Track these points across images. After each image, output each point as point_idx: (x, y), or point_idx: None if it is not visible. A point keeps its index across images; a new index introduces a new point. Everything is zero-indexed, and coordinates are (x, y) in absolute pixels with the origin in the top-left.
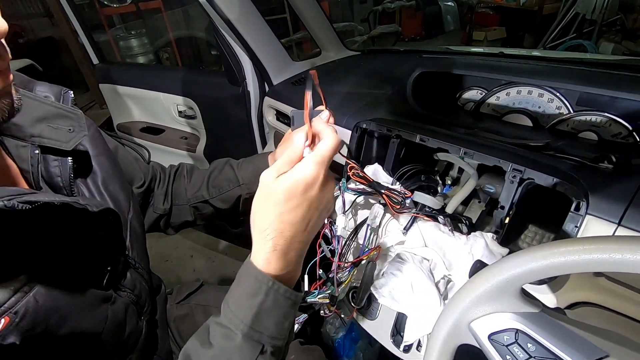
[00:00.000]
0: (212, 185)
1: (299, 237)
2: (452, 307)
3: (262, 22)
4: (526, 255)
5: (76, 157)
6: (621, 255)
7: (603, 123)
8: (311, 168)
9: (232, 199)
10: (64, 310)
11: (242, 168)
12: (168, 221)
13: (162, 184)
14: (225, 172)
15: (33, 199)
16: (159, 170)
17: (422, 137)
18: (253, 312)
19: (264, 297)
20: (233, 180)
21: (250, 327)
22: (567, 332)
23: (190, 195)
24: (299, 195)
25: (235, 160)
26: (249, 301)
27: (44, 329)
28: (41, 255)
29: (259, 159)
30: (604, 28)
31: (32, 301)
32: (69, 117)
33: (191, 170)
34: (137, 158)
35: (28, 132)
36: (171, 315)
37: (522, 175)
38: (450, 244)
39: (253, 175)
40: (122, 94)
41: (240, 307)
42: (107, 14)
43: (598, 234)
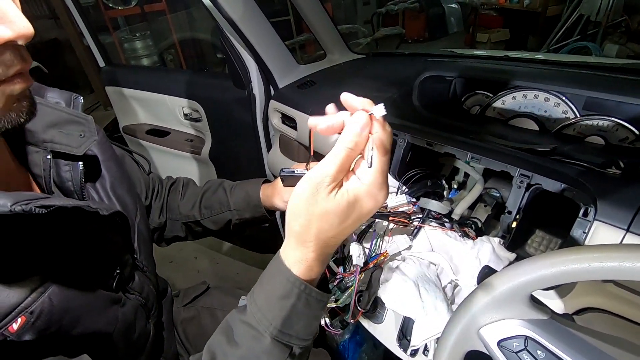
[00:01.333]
0: (204, 205)
1: (335, 246)
2: (461, 313)
3: (267, 24)
4: (536, 262)
5: (86, 162)
6: (631, 264)
7: (610, 127)
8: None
9: (223, 222)
10: (77, 311)
11: (234, 193)
12: (162, 234)
13: (159, 197)
14: (218, 194)
15: (48, 203)
16: (157, 182)
17: (429, 141)
18: (284, 314)
19: (296, 300)
20: (224, 203)
21: (280, 330)
22: (576, 339)
23: (184, 212)
24: (354, 214)
25: (230, 183)
26: (279, 303)
27: (58, 328)
28: (55, 257)
29: (251, 186)
30: (608, 30)
31: (47, 301)
32: (80, 123)
33: (186, 186)
34: (139, 171)
35: (40, 137)
36: (177, 317)
37: (530, 181)
38: (457, 249)
39: (244, 201)
40: (128, 96)
41: (271, 308)
42: (112, 16)
43: (606, 240)
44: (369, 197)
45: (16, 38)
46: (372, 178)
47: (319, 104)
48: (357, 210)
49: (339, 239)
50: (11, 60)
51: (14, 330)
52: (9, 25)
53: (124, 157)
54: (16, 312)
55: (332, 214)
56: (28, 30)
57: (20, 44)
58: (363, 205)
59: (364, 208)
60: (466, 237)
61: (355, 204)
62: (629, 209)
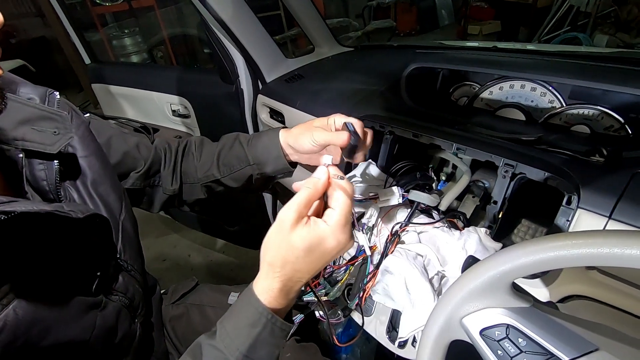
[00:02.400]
0: (222, 163)
1: (305, 280)
2: (443, 303)
3: (254, 19)
4: (516, 250)
5: (64, 160)
6: (609, 250)
7: (595, 116)
8: (339, 233)
9: (244, 178)
10: (47, 321)
11: (252, 145)
12: (181, 199)
13: (168, 164)
14: (235, 150)
15: (9, 209)
16: (164, 148)
17: (415, 133)
18: (250, 341)
19: (262, 328)
20: (243, 159)
21: (245, 356)
22: (557, 326)
23: (201, 174)
24: (317, 251)
25: (246, 135)
26: (247, 330)
27: (25, 341)
28: (21, 265)
29: (268, 136)
30: (598, 20)
31: (11, 314)
32: (54, 119)
33: (200, 145)
34: (139, 142)
35: (10, 135)
36: (167, 315)
37: (514, 170)
38: (444, 240)
39: (263, 154)
40: (115, 93)
41: (239, 335)
42: (100, 13)
43: (589, 227)
44: (332, 236)
45: None
46: (335, 219)
47: (306, 97)
48: (321, 247)
49: (303, 274)
50: None
51: None
52: None
53: (112, 139)
54: None
55: (297, 247)
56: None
57: None
58: (326, 244)
59: (327, 246)
60: (454, 228)
61: (319, 241)
62: (611, 197)
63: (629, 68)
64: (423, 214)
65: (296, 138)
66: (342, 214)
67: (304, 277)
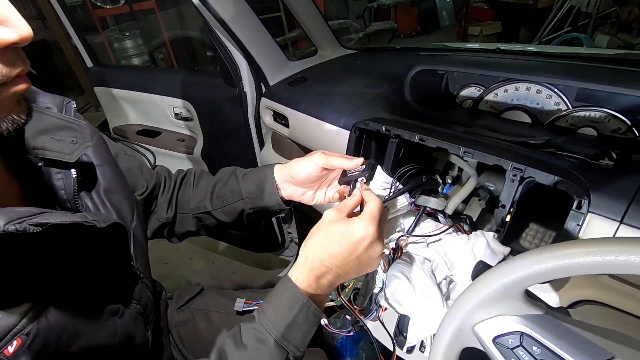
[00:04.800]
0: (216, 195)
1: (335, 271)
2: (455, 310)
3: (256, 21)
4: (530, 257)
5: (80, 169)
6: (626, 257)
7: (602, 118)
8: (367, 224)
9: (236, 212)
10: (76, 328)
11: (247, 180)
12: (172, 229)
13: (166, 191)
14: (230, 183)
15: (43, 221)
16: (164, 175)
17: (421, 136)
18: (287, 322)
19: (298, 311)
20: (237, 192)
21: (283, 335)
22: (572, 334)
23: (194, 205)
24: (345, 239)
25: (243, 170)
26: (285, 312)
27: (56, 347)
28: (51, 273)
29: (263, 172)
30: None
31: (43, 321)
32: (72, 129)
33: (199, 177)
34: (142, 164)
35: (31, 144)
36: (172, 321)
37: (523, 174)
38: (452, 244)
39: (257, 188)
40: (118, 96)
41: (278, 317)
42: (100, 16)
43: (600, 232)
44: (360, 227)
45: (19, 41)
46: (364, 213)
47: (311, 101)
48: (350, 235)
49: (334, 260)
50: (14, 61)
51: (10, 353)
52: (13, 29)
53: (118, 156)
54: (11, 335)
55: (332, 233)
56: (29, 33)
57: (21, 46)
58: (354, 233)
59: (355, 235)
60: (460, 232)
61: (348, 230)
62: (622, 201)
63: (635, 70)
64: (429, 217)
65: (293, 166)
66: (370, 210)
67: (335, 264)
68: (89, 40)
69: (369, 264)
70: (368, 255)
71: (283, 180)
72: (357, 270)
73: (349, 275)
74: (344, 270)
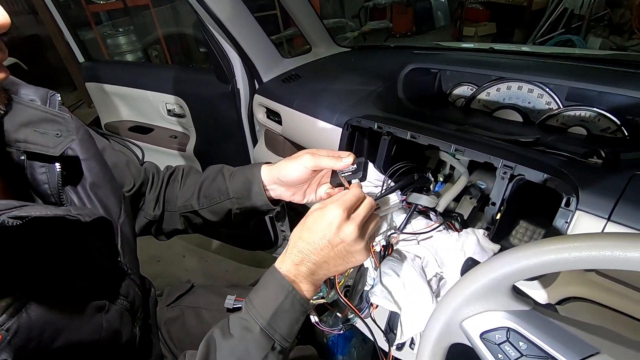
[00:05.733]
0: (203, 194)
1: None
2: (443, 306)
3: (250, 18)
4: (517, 253)
5: (65, 163)
6: (611, 252)
7: (592, 118)
8: (334, 206)
9: (223, 212)
10: (59, 324)
11: (234, 179)
12: (160, 227)
13: (154, 188)
14: (217, 182)
15: (23, 214)
16: (152, 172)
17: (412, 134)
18: (273, 310)
19: (284, 299)
20: (224, 192)
21: (268, 323)
22: (558, 330)
23: (181, 203)
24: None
25: (230, 168)
26: (271, 301)
27: (38, 343)
28: (33, 268)
29: (251, 172)
30: (591, 23)
31: (24, 317)
32: (56, 122)
33: (187, 174)
34: (129, 160)
35: (12, 137)
36: (161, 318)
37: (513, 172)
38: (442, 241)
39: (244, 188)
40: (109, 92)
41: (264, 305)
42: (94, 11)
43: (588, 229)
44: (327, 209)
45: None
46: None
47: (304, 98)
48: (319, 219)
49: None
50: None
51: None
52: None
53: (104, 151)
54: None
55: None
56: (5, 20)
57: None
58: (323, 215)
59: (324, 217)
60: (451, 229)
61: (319, 214)
62: (610, 199)
63: (625, 70)
64: (421, 215)
65: (281, 168)
66: (342, 195)
67: (310, 250)
68: (81, 36)
69: (349, 251)
70: (341, 240)
71: (271, 181)
72: (336, 258)
73: (330, 265)
74: (320, 256)
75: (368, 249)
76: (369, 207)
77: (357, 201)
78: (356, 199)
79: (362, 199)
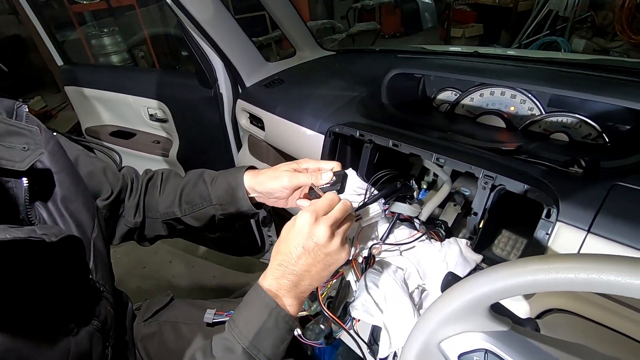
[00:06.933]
0: (184, 200)
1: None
2: (421, 326)
3: (232, 21)
4: (494, 274)
5: (34, 177)
6: (587, 275)
7: (574, 124)
8: (304, 212)
9: (206, 218)
10: (23, 351)
11: (216, 185)
12: (142, 234)
13: (133, 195)
14: (198, 187)
15: None
16: (131, 177)
17: (394, 142)
18: (256, 329)
19: (267, 317)
20: (206, 197)
21: (251, 343)
22: (536, 351)
23: (162, 210)
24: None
25: (211, 173)
26: (254, 319)
27: None
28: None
29: (233, 177)
30: (576, 25)
31: None
32: (23, 135)
33: (166, 179)
34: (106, 167)
35: None
36: (138, 333)
37: (494, 182)
38: (425, 252)
39: (227, 194)
40: (90, 96)
41: (247, 324)
42: (77, 11)
43: (568, 241)
44: (298, 216)
45: None
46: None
47: (286, 103)
48: (292, 228)
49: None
50: None
51: None
52: None
53: (78, 159)
54: None
55: (283, 234)
56: None
57: None
58: (295, 223)
59: (296, 225)
60: (434, 239)
61: (292, 223)
62: (590, 210)
63: (606, 76)
64: (404, 223)
65: (263, 184)
66: (313, 201)
67: (287, 261)
68: (64, 37)
69: (326, 253)
70: (315, 243)
71: (252, 189)
72: (315, 263)
73: (312, 272)
74: (299, 265)
75: (345, 248)
76: (342, 208)
77: (330, 206)
78: (328, 204)
79: (336, 203)
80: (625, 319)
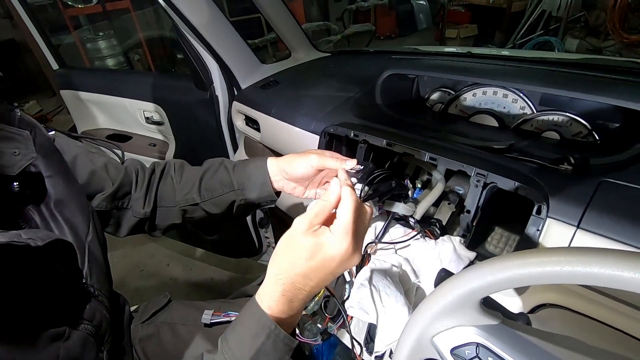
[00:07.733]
0: (204, 187)
1: (308, 290)
2: (414, 322)
3: (227, 24)
4: (483, 268)
5: (25, 181)
6: (572, 268)
7: (564, 122)
8: (340, 240)
9: (226, 204)
10: (4, 357)
11: (237, 172)
12: (153, 223)
13: (140, 186)
14: (219, 174)
15: None
16: (136, 170)
17: (388, 141)
18: (252, 353)
19: (265, 339)
20: (227, 184)
21: None
22: (526, 344)
23: (180, 197)
24: (318, 257)
25: (231, 161)
26: (249, 342)
27: None
28: None
29: (255, 164)
30: (569, 25)
31: None
32: (14, 139)
33: (180, 168)
34: (108, 162)
35: None
36: (136, 335)
37: (486, 180)
38: (419, 250)
39: (249, 179)
40: (85, 100)
41: (242, 346)
42: (72, 15)
43: (559, 237)
44: (332, 244)
45: None
46: (336, 227)
47: (282, 105)
48: (322, 253)
49: (306, 281)
50: None
51: None
52: None
53: (77, 158)
54: None
55: (301, 252)
56: None
57: None
58: (326, 250)
59: (327, 253)
60: (428, 237)
61: (320, 247)
62: (579, 206)
63: (596, 75)
64: (400, 221)
65: (290, 163)
66: (343, 223)
67: (307, 284)
68: (59, 40)
69: (344, 271)
70: (344, 268)
71: (277, 173)
72: (329, 281)
73: (320, 288)
74: (318, 286)
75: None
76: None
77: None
78: (353, 217)
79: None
80: (615, 311)
